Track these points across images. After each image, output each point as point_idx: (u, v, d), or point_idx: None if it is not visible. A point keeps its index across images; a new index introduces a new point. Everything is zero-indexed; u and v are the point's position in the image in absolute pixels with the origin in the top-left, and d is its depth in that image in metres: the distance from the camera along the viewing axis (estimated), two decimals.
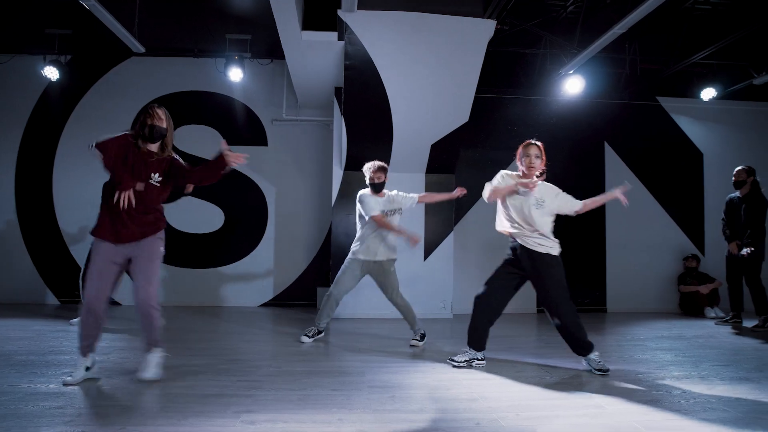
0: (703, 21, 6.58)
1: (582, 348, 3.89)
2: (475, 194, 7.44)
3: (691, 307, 7.28)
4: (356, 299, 6.46)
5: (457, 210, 7.20)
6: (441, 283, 6.69)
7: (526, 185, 3.83)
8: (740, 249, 6.00)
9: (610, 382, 3.59)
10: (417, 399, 3.15)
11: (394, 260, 4.93)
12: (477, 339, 4.04)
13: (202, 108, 7.55)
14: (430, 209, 6.79)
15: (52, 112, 7.50)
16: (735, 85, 7.52)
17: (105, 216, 3.33)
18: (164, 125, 3.34)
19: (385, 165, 4.85)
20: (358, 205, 4.90)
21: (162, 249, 3.47)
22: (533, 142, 4.01)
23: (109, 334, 5.07)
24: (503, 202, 4.01)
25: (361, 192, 4.92)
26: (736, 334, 5.68)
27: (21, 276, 7.32)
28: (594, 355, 3.86)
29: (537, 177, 3.94)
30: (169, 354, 3.73)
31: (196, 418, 2.73)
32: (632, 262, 7.74)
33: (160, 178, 3.38)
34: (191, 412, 2.81)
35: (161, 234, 3.47)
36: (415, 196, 5.01)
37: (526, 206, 3.89)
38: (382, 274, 4.86)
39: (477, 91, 6.12)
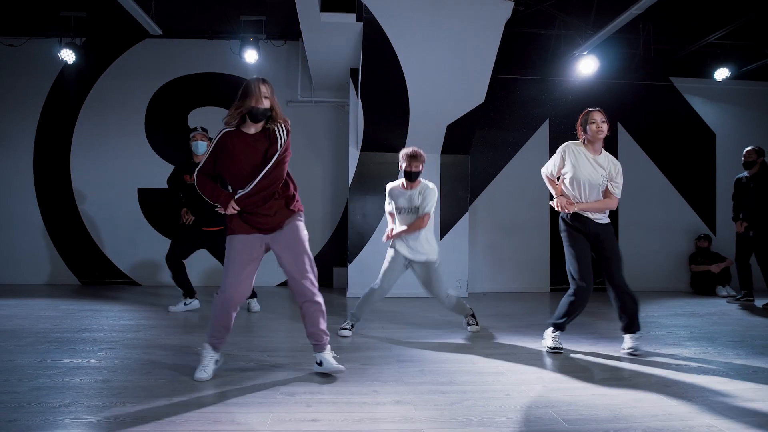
0: (718, 1, 6.57)
1: (633, 323, 3.75)
2: (488, 176, 7.58)
3: (702, 286, 7.38)
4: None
5: (472, 190, 7.28)
6: (456, 263, 6.78)
7: (564, 207, 3.74)
8: (747, 229, 6.13)
9: (630, 358, 3.70)
10: (445, 372, 3.27)
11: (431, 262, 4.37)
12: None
13: (217, 90, 7.60)
14: (445, 189, 6.86)
15: (68, 94, 7.56)
16: (749, 65, 7.52)
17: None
18: (267, 105, 3.02)
19: (418, 151, 4.30)
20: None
21: (305, 232, 3.20)
22: (595, 108, 3.85)
23: (135, 313, 5.22)
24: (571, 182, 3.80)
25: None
26: (748, 311, 5.78)
27: (42, 258, 7.45)
28: (638, 335, 3.79)
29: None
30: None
31: (237, 390, 2.84)
32: (645, 241, 7.82)
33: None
34: (231, 386, 2.92)
35: (300, 216, 3.22)
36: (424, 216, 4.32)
37: (597, 188, 3.77)
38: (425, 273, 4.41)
39: (492, 72, 6.15)
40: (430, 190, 4.31)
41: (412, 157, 4.25)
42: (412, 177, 4.30)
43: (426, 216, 4.27)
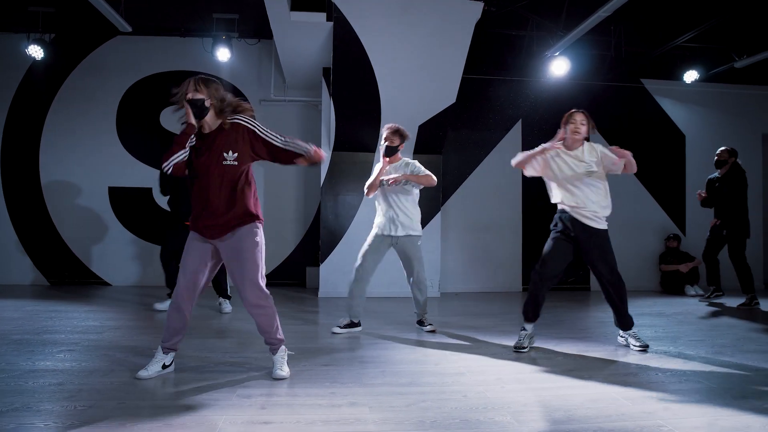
0: (687, 4, 6.66)
1: (625, 321, 4.01)
2: (460, 176, 7.61)
3: (671, 285, 7.49)
4: (345, 279, 6.58)
5: (444, 190, 7.30)
6: (429, 262, 6.74)
7: (551, 148, 3.84)
8: (720, 227, 6.21)
9: (592, 357, 3.74)
10: (406, 373, 3.27)
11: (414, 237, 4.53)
12: (535, 312, 4.00)
13: None
14: None
15: (37, 92, 7.43)
16: (717, 68, 7.64)
17: (193, 209, 3.07)
18: (201, 95, 2.95)
19: (401, 129, 4.44)
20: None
21: (257, 239, 3.05)
22: (579, 110, 3.97)
23: (101, 314, 5.15)
24: (546, 173, 3.98)
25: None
26: (714, 311, 5.87)
27: (9, 257, 7.31)
28: (634, 330, 4.03)
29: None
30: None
31: (193, 392, 2.81)
32: (615, 241, 7.77)
33: (235, 155, 2.96)
34: (188, 387, 2.89)
35: (254, 226, 3.08)
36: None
37: (576, 178, 3.95)
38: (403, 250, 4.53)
39: (464, 73, 6.18)
40: (414, 163, 4.48)
41: (392, 132, 4.41)
42: (387, 151, 4.41)
43: (431, 176, 4.39)
